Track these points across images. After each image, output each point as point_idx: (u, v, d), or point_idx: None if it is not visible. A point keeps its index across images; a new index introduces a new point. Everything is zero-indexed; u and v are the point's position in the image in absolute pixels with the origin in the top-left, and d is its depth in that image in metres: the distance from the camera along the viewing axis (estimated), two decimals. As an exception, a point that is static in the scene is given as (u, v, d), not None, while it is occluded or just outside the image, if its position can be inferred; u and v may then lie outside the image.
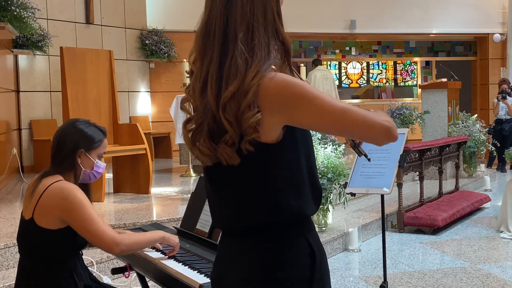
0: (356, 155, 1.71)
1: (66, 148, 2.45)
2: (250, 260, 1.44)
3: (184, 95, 1.54)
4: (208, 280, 2.08)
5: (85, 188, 2.54)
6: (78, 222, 2.31)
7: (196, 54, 1.44)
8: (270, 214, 1.42)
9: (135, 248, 2.46)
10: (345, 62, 14.75)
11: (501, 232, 5.84)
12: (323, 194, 5.07)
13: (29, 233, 2.40)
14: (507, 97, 10.35)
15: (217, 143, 1.39)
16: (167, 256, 2.48)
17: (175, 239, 2.51)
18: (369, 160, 1.68)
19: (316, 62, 11.78)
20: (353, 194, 3.91)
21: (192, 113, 1.47)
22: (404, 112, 8.31)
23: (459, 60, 14.47)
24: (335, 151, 5.20)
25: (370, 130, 1.36)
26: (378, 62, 14.93)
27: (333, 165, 5.02)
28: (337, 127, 1.37)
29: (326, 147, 5.17)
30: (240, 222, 1.45)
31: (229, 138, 1.35)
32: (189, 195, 2.99)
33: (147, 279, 2.95)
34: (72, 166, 2.45)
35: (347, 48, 14.32)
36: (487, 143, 8.99)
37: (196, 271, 2.23)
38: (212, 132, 1.40)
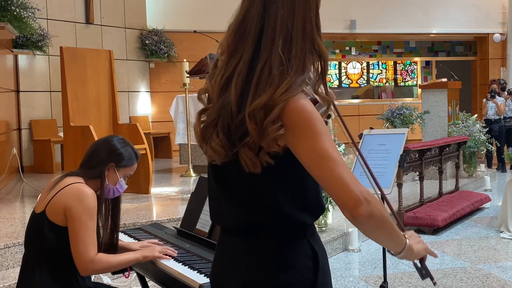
0: (357, 155, 1.72)
1: (100, 157, 2.53)
2: (252, 261, 1.45)
3: (183, 94, 1.54)
4: (208, 280, 2.07)
5: (116, 201, 2.61)
6: (74, 223, 2.34)
7: (224, 49, 1.42)
8: (273, 215, 1.42)
9: (105, 272, 2.50)
10: (345, 62, 14.75)
11: (501, 232, 5.85)
12: (323, 194, 5.06)
13: (38, 226, 2.42)
14: (496, 96, 10.35)
15: (233, 143, 1.38)
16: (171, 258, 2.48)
17: (154, 254, 2.46)
18: (434, 284, 1.65)
19: None
20: (353, 194, 3.90)
21: (207, 104, 1.46)
22: (404, 112, 8.30)
23: (459, 60, 14.47)
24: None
25: (341, 194, 1.30)
26: (378, 62, 14.93)
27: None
28: (317, 172, 1.33)
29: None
30: (244, 220, 1.45)
31: (251, 142, 1.34)
32: (189, 195, 2.99)
33: (147, 279, 2.95)
34: (99, 176, 2.52)
35: (347, 48, 14.32)
36: (487, 143, 8.99)
37: (196, 271, 2.23)
38: (229, 131, 1.38)
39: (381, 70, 15.06)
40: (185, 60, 8.09)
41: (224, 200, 1.49)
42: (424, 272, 1.58)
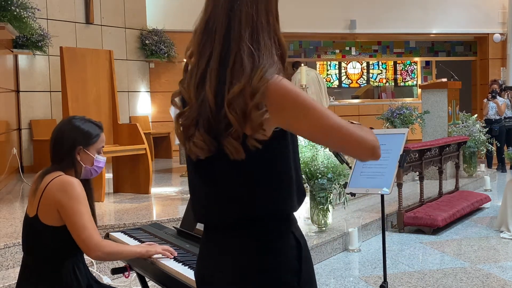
0: None
1: (64, 146, 2.46)
2: (241, 254, 1.47)
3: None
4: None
5: (87, 184, 2.55)
6: (69, 214, 2.32)
7: (193, 51, 1.48)
8: (257, 207, 1.46)
9: (112, 258, 2.48)
10: (345, 62, 14.75)
11: (501, 232, 5.85)
12: (323, 194, 5.07)
13: (33, 231, 2.41)
14: (497, 97, 10.38)
15: (215, 137, 1.42)
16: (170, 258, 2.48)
17: (156, 249, 2.47)
18: (350, 167, 1.86)
19: (296, 65, 11.64)
20: (353, 194, 3.90)
21: (182, 108, 1.50)
22: (404, 112, 8.30)
23: (459, 60, 14.47)
24: (335, 151, 5.19)
25: (358, 147, 1.43)
26: (378, 62, 14.92)
27: (333, 165, 5.02)
28: (326, 138, 1.43)
29: (326, 147, 5.17)
30: (233, 215, 1.47)
31: (234, 131, 1.38)
32: (189, 195, 2.98)
33: (147, 279, 2.95)
34: (72, 164, 2.46)
35: (347, 48, 14.31)
36: (487, 143, 9.00)
37: (196, 271, 2.23)
38: (209, 126, 1.42)
39: (381, 70, 15.06)
40: (185, 60, 8.08)
41: (211, 197, 1.51)
42: (342, 157, 1.87)
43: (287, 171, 1.47)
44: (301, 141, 5.11)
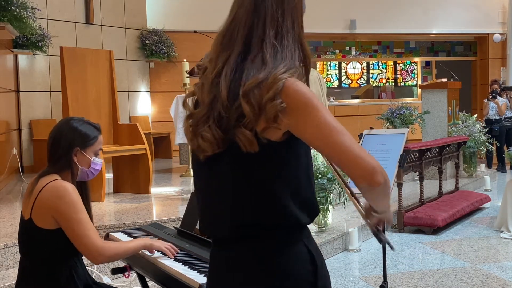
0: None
1: (61, 147, 2.45)
2: (250, 269, 1.43)
3: (183, 94, 1.57)
4: (208, 280, 2.07)
5: (84, 186, 2.54)
6: (67, 222, 2.31)
7: (212, 52, 1.47)
8: (263, 212, 1.40)
9: (116, 259, 2.47)
10: (345, 62, 14.74)
11: (501, 232, 5.84)
12: (323, 194, 5.07)
13: (28, 233, 2.40)
14: (497, 97, 10.39)
15: (224, 132, 1.40)
16: (167, 256, 2.48)
17: (159, 244, 2.48)
18: (393, 249, 1.66)
19: None
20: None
21: (193, 110, 1.50)
22: (404, 112, 8.30)
23: (459, 60, 14.47)
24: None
25: (355, 164, 1.35)
26: (378, 62, 14.92)
27: (333, 165, 5.02)
28: (327, 147, 1.37)
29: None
30: (234, 220, 1.42)
31: (248, 122, 1.36)
32: (189, 195, 2.99)
33: (147, 279, 2.95)
34: (69, 165, 2.44)
35: (347, 48, 14.31)
36: (487, 143, 9.00)
37: (196, 271, 2.23)
38: (220, 120, 1.41)
39: (381, 70, 15.05)
40: (185, 60, 8.08)
41: (211, 199, 1.48)
42: (382, 237, 1.58)
43: (291, 178, 1.41)
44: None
